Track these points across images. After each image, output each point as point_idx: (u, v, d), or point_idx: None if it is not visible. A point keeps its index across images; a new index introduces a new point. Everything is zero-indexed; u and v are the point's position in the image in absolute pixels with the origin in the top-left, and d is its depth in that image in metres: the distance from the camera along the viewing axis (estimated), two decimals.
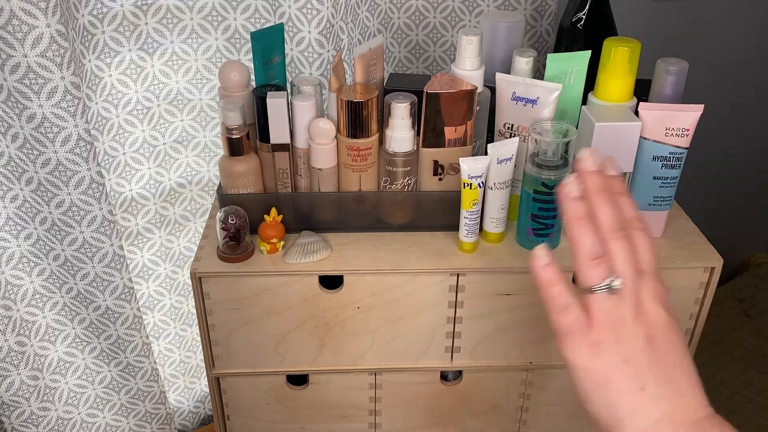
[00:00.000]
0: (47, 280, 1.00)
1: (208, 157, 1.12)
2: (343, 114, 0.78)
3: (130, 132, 1.03)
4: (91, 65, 0.94)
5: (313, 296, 0.81)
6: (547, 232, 0.81)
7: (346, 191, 0.83)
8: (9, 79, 0.79)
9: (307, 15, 0.92)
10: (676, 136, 0.78)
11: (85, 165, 0.87)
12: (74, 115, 0.83)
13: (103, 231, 0.93)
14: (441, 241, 0.84)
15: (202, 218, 1.18)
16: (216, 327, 0.83)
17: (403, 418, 0.94)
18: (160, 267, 1.16)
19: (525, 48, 0.88)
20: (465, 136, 0.80)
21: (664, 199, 0.82)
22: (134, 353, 1.07)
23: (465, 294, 0.82)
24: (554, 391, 0.92)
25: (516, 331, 0.85)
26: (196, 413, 1.33)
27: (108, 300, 0.99)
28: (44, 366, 1.06)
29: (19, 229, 0.94)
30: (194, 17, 0.99)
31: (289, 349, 0.85)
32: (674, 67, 0.81)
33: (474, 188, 0.77)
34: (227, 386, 0.89)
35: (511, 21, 0.90)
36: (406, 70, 1.12)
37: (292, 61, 0.97)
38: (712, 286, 0.82)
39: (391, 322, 0.84)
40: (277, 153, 0.81)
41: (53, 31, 0.77)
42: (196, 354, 1.28)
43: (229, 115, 0.78)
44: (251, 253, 0.81)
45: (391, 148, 0.80)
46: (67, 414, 1.12)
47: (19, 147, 0.85)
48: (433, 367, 0.88)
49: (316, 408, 0.92)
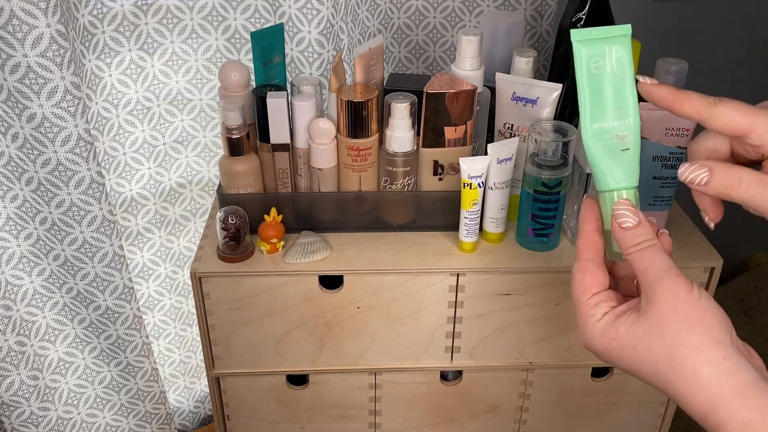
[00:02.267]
0: (47, 280, 1.00)
1: (208, 157, 1.12)
2: (343, 114, 0.78)
3: (130, 132, 1.03)
4: (91, 65, 0.94)
5: (313, 296, 0.81)
6: (547, 232, 0.81)
7: (346, 191, 0.83)
8: (9, 79, 0.79)
9: (307, 15, 0.92)
10: (676, 136, 0.78)
11: (85, 165, 0.87)
12: (74, 115, 0.83)
13: (103, 231, 0.93)
14: (441, 241, 0.84)
15: (202, 218, 1.18)
16: (216, 327, 0.83)
17: (403, 418, 0.94)
18: (160, 267, 1.16)
19: (525, 48, 0.87)
20: (465, 136, 0.80)
21: (664, 199, 0.82)
22: (134, 353, 1.07)
23: (465, 294, 0.82)
24: (554, 391, 0.92)
25: (516, 331, 0.85)
26: (196, 413, 1.33)
27: (108, 300, 0.99)
28: (44, 366, 1.06)
29: (19, 229, 0.94)
30: (194, 17, 0.99)
31: (289, 349, 0.85)
32: (674, 67, 0.81)
33: (474, 188, 0.77)
34: (227, 386, 0.89)
35: (511, 21, 0.90)
36: (406, 70, 1.12)
37: (292, 61, 0.97)
38: (712, 286, 0.82)
39: (391, 322, 0.84)
40: (277, 153, 0.81)
41: (53, 31, 0.77)
42: (196, 354, 1.28)
43: (229, 115, 0.78)
44: (251, 253, 0.81)
45: (391, 148, 0.80)
46: (67, 414, 1.12)
47: (19, 147, 0.85)
48: (433, 367, 0.88)
49: (316, 408, 0.92)
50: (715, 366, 0.43)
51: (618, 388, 0.92)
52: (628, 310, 0.49)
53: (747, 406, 0.42)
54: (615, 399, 0.94)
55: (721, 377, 0.43)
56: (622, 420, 0.96)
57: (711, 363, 0.44)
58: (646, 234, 0.48)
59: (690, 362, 0.44)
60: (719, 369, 0.43)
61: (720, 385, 0.43)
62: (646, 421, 0.97)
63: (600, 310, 0.50)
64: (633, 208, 0.49)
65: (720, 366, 0.43)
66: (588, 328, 0.50)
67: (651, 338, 0.46)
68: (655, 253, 0.47)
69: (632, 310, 0.48)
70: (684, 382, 0.44)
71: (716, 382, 0.43)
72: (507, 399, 0.93)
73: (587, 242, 0.52)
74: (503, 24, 0.89)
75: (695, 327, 0.44)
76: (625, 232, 0.48)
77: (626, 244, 0.48)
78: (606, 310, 0.50)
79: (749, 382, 0.42)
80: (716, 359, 0.44)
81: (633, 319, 0.48)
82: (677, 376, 0.45)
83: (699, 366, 0.44)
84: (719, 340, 0.44)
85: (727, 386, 0.43)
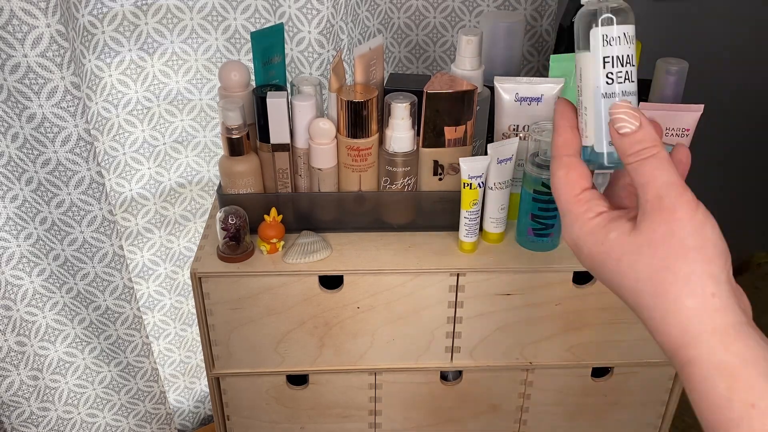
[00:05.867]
0: (47, 280, 1.00)
1: (208, 157, 1.12)
2: (343, 114, 0.77)
3: (130, 132, 1.03)
4: (91, 65, 0.94)
5: (313, 296, 0.81)
6: (547, 232, 0.81)
7: (346, 191, 0.83)
8: (9, 79, 0.79)
9: (307, 15, 0.92)
10: (676, 136, 0.78)
11: (85, 165, 0.87)
12: (74, 115, 0.83)
13: (103, 231, 0.93)
14: (441, 241, 0.84)
15: (202, 218, 1.17)
16: (216, 327, 0.83)
17: (403, 418, 0.94)
18: (160, 267, 1.16)
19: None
20: (465, 136, 0.80)
21: None
22: (134, 353, 1.07)
23: (465, 294, 0.82)
24: (554, 391, 0.92)
25: (516, 331, 0.85)
26: (196, 413, 1.33)
27: (108, 300, 0.99)
28: (44, 366, 1.06)
29: (19, 229, 0.94)
30: (194, 17, 0.99)
31: (289, 349, 0.85)
32: (674, 67, 0.81)
33: (474, 188, 0.77)
34: (227, 386, 0.89)
35: (511, 21, 0.90)
36: (406, 70, 1.12)
37: (292, 61, 0.97)
38: None
39: (391, 322, 0.84)
40: (277, 153, 0.81)
41: (53, 31, 0.77)
42: (196, 354, 1.28)
43: (229, 115, 0.78)
44: (251, 253, 0.81)
45: (391, 148, 0.80)
46: (67, 414, 1.12)
47: (19, 147, 0.85)
48: (433, 367, 0.88)
49: (316, 408, 0.92)
50: (701, 301, 0.39)
51: (618, 388, 0.92)
52: (623, 216, 0.44)
53: (726, 348, 0.38)
54: (615, 399, 0.94)
55: (704, 313, 0.39)
56: (622, 420, 0.96)
57: (697, 296, 0.40)
58: (647, 140, 0.42)
59: (675, 290, 0.40)
60: (704, 304, 0.39)
61: (700, 321, 0.39)
62: (646, 421, 0.97)
63: (594, 208, 0.45)
64: (633, 110, 0.43)
65: (706, 302, 0.39)
66: (577, 224, 0.45)
67: (639, 255, 0.41)
68: (657, 164, 0.41)
69: (627, 219, 0.43)
70: (662, 309, 0.41)
71: (697, 318, 0.39)
72: (507, 399, 0.93)
73: (566, 139, 0.47)
74: (503, 24, 0.89)
75: (689, 254, 0.40)
76: (623, 139, 0.42)
77: (625, 152, 0.42)
78: (601, 209, 0.45)
79: (733, 324, 0.39)
80: (704, 294, 0.40)
81: (626, 229, 0.43)
82: (656, 301, 0.41)
83: (683, 296, 0.40)
84: (712, 274, 0.40)
85: (708, 323, 0.39)
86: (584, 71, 0.47)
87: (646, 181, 0.41)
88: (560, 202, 0.47)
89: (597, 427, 0.96)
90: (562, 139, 0.47)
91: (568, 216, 0.46)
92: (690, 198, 0.41)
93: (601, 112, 0.46)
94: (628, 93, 0.46)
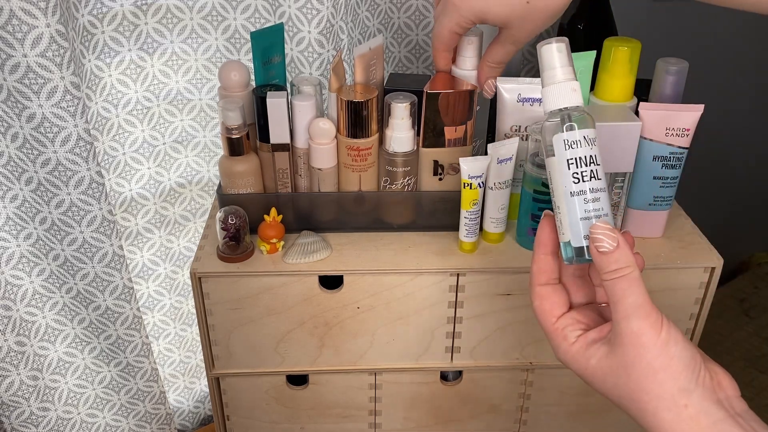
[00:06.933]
0: (47, 280, 1.00)
1: (208, 157, 1.12)
2: (343, 114, 0.77)
3: (130, 132, 1.03)
4: (91, 65, 0.94)
5: (313, 296, 0.81)
6: None
7: (346, 191, 0.83)
8: (9, 79, 0.79)
9: (307, 15, 0.92)
10: (676, 136, 0.78)
11: (85, 165, 0.87)
12: (74, 115, 0.83)
13: (102, 231, 0.93)
14: (441, 241, 0.84)
15: (202, 218, 1.17)
16: (216, 327, 0.83)
17: (403, 418, 0.94)
18: (160, 267, 1.16)
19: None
20: (465, 136, 0.80)
21: (665, 199, 0.82)
22: (134, 353, 1.07)
23: (465, 294, 0.82)
24: (554, 391, 0.92)
25: (516, 331, 0.85)
26: (196, 413, 1.33)
27: (108, 300, 0.99)
28: (44, 366, 1.06)
29: (19, 229, 0.94)
30: (194, 17, 0.99)
31: (289, 349, 0.85)
32: (674, 67, 0.81)
33: (474, 188, 0.77)
34: (227, 386, 0.89)
35: None
36: (406, 70, 1.12)
37: (292, 61, 0.97)
38: (712, 286, 0.82)
39: (391, 322, 0.83)
40: (277, 153, 0.81)
41: (53, 31, 0.77)
42: (195, 354, 1.28)
43: (229, 115, 0.78)
44: (251, 253, 0.81)
45: (391, 148, 0.80)
46: (66, 414, 1.11)
47: (18, 147, 0.85)
48: (433, 367, 0.88)
49: (316, 408, 0.92)
50: (676, 413, 0.45)
51: None
52: (599, 338, 0.50)
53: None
54: None
55: (681, 423, 0.45)
56: (622, 420, 0.96)
57: (671, 410, 0.46)
58: (622, 260, 0.47)
59: (652, 407, 0.46)
60: (679, 416, 0.45)
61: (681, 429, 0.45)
62: None
63: (572, 334, 0.51)
64: (611, 231, 0.48)
65: (681, 413, 0.45)
66: (562, 350, 0.51)
67: (618, 378, 0.48)
68: (627, 285, 0.47)
69: (602, 341, 0.49)
70: (647, 422, 0.47)
71: (677, 427, 0.45)
72: (507, 399, 0.93)
73: (540, 268, 0.53)
74: None
75: (658, 375, 0.46)
76: (602, 257, 0.48)
77: (603, 269, 0.48)
78: (578, 333, 0.51)
79: (709, 425, 0.45)
80: (677, 407, 0.46)
81: (603, 353, 0.49)
82: (640, 415, 0.47)
83: (660, 411, 0.46)
84: (683, 388, 0.46)
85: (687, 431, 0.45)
86: (553, 174, 0.52)
87: (618, 299, 0.47)
88: (541, 327, 0.53)
89: (597, 427, 0.96)
90: (536, 267, 0.53)
91: (551, 341, 0.52)
92: (654, 320, 0.46)
93: (574, 210, 0.50)
94: (596, 189, 0.50)
